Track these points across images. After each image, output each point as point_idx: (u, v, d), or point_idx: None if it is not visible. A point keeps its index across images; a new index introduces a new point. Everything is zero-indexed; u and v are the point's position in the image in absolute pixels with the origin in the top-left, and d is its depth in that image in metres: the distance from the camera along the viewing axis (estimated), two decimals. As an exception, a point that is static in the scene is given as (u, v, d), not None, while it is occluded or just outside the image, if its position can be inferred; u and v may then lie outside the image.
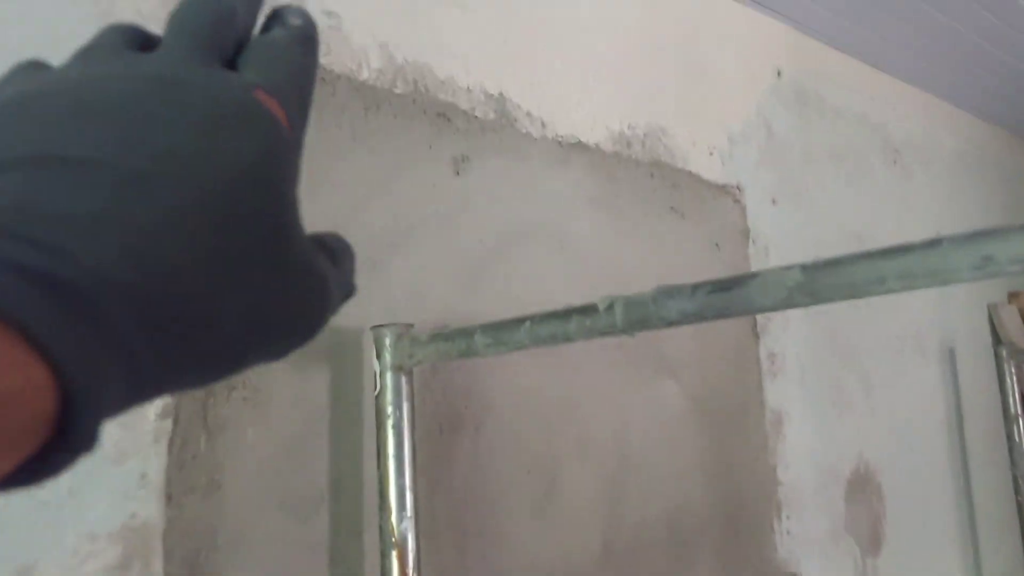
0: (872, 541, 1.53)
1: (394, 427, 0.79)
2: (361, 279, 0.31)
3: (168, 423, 0.72)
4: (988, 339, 1.82)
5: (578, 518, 1.04)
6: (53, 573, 0.65)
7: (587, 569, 1.04)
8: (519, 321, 0.66)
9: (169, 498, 0.71)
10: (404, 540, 0.77)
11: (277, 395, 0.80)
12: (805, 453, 1.40)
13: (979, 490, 1.81)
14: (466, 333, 0.71)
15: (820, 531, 1.41)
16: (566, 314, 0.63)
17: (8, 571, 0.63)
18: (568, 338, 0.62)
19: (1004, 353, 1.77)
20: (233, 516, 0.75)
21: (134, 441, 0.70)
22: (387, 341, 0.80)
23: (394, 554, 0.77)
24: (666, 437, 1.18)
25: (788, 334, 1.42)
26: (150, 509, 0.70)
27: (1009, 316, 1.86)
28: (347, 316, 0.85)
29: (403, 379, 0.79)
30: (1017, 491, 1.77)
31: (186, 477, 0.72)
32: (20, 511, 0.64)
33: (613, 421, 1.11)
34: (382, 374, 0.80)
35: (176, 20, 0.27)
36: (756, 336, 1.36)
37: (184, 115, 0.23)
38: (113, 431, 0.69)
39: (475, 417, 0.96)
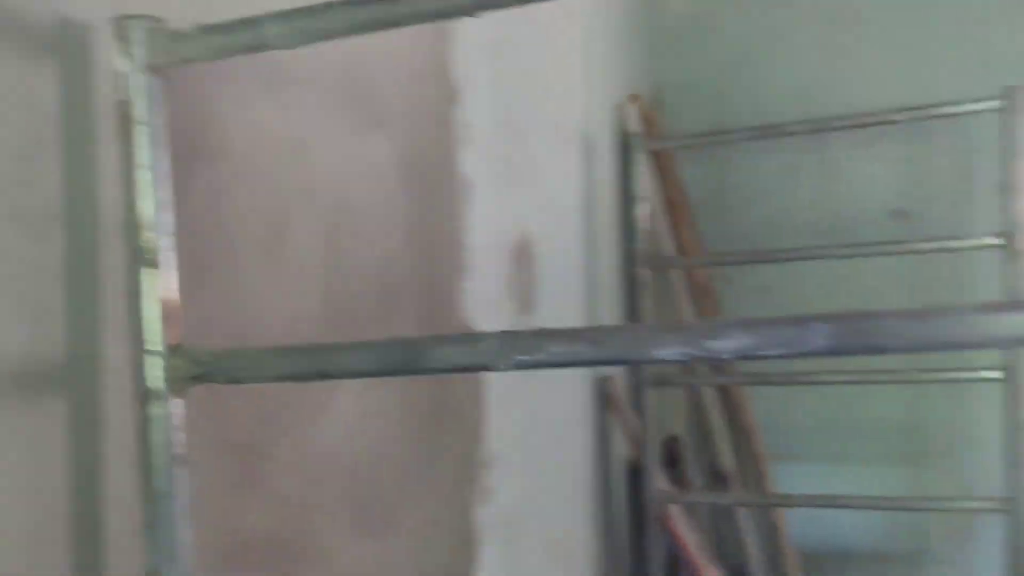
0: (526, 302, 1.74)
1: (150, 136, 0.71)
2: None
3: None
4: (618, 133, 2.10)
5: (304, 262, 1.04)
6: None
7: (312, 309, 1.06)
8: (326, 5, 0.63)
9: None
10: (162, 256, 0.72)
11: (-1, 90, 0.67)
12: (485, 221, 1.53)
13: (602, 260, 2.13)
14: (253, 24, 0.66)
15: (492, 292, 1.57)
16: None
17: None
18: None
19: (629, 143, 2.06)
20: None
21: None
22: (137, 35, 0.70)
23: (150, 271, 0.72)
24: (379, 190, 1.21)
25: (477, 103, 1.49)
26: None
27: (630, 113, 2.16)
28: (75, 4, 0.74)
29: (159, 82, 0.71)
30: (633, 263, 2.12)
31: None
32: None
33: (335, 170, 1.11)
34: (131, 75, 0.71)
35: None
36: (454, 101, 1.42)
37: None
38: None
39: (211, 148, 0.89)
